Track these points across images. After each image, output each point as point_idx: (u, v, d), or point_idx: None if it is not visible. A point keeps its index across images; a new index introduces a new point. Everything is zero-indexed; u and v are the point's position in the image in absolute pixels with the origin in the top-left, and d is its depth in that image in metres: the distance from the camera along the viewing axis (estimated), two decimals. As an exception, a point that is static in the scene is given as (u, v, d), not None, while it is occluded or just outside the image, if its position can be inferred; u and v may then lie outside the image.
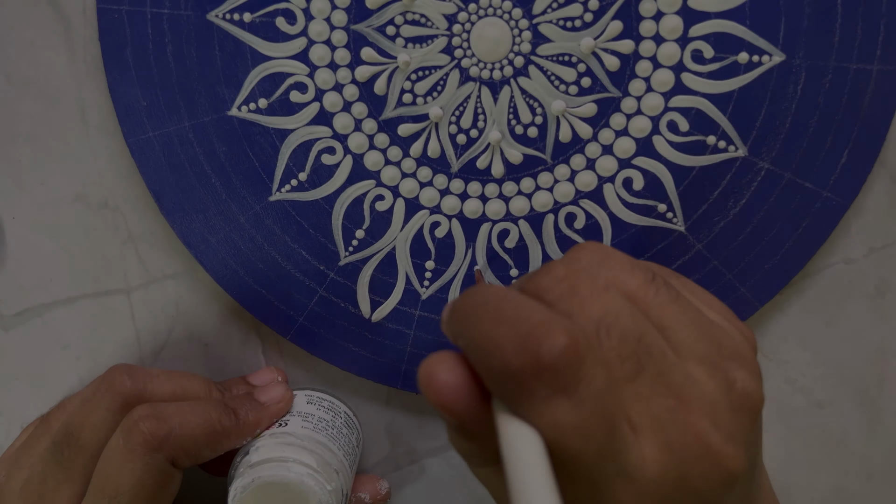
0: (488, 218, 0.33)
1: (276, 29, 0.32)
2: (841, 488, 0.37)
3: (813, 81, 0.31)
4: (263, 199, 0.33)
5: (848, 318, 0.35)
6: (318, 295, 0.34)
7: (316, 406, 0.34)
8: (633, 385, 0.20)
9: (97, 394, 0.29)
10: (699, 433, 0.20)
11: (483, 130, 0.32)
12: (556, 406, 0.18)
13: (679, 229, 0.33)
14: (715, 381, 0.21)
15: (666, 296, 0.22)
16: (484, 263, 0.33)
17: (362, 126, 0.32)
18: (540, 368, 0.18)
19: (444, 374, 0.19)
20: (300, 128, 0.32)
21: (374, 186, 0.33)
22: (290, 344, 0.36)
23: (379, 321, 0.34)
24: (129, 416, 0.28)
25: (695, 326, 0.22)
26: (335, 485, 0.30)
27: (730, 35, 0.30)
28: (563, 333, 0.18)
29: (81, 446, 0.29)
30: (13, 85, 0.34)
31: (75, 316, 0.36)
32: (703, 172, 0.32)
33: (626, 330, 0.20)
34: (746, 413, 0.21)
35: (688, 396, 0.20)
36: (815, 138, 0.31)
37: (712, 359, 0.21)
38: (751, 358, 0.22)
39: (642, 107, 0.32)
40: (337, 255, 0.34)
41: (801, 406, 0.36)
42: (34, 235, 0.35)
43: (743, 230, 0.32)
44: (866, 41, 0.30)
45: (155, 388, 0.30)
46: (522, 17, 0.31)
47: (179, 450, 0.28)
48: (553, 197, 0.33)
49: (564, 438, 0.19)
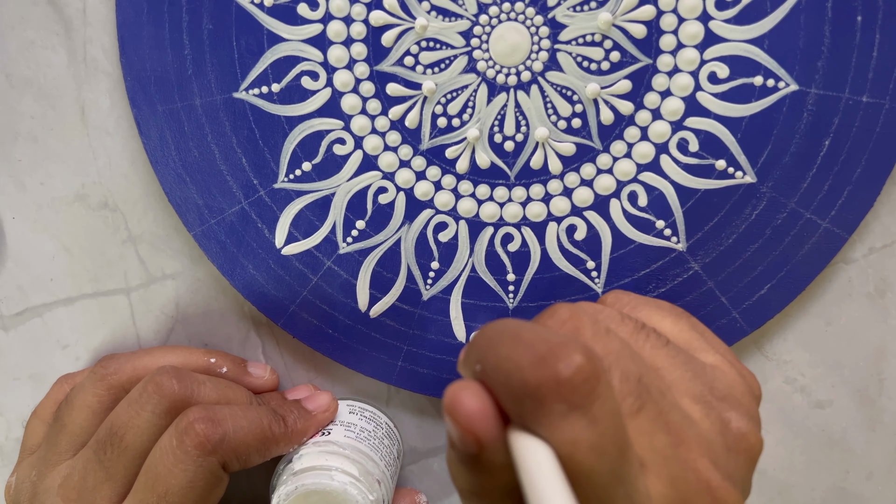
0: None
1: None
2: (841, 488, 0.37)
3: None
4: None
5: (848, 318, 0.35)
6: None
7: (358, 416, 0.34)
8: (634, 421, 0.21)
9: (143, 395, 0.29)
10: (699, 469, 0.21)
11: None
12: (573, 422, 0.19)
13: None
14: (710, 421, 0.22)
15: (656, 341, 0.24)
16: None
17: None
18: (558, 384, 0.19)
19: (470, 399, 0.20)
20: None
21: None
22: (290, 344, 0.36)
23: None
24: (183, 417, 0.28)
25: (687, 367, 0.23)
26: (377, 495, 0.31)
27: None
28: (580, 352, 0.19)
29: (125, 447, 0.29)
30: (13, 85, 0.34)
31: (75, 316, 0.36)
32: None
33: (627, 369, 0.21)
34: (742, 454, 0.22)
35: (686, 435, 0.21)
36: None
37: (706, 398, 0.22)
38: (746, 401, 0.24)
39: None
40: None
41: (801, 406, 0.36)
42: (34, 235, 0.35)
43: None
44: (880, 77, 0.30)
45: (201, 394, 0.30)
46: (536, 14, 0.31)
47: (231, 454, 0.29)
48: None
49: (579, 455, 0.19)
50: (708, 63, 0.31)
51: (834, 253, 0.32)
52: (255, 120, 0.32)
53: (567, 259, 0.33)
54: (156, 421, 0.29)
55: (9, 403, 0.37)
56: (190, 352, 0.34)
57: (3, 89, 0.34)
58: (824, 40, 0.30)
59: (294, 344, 0.36)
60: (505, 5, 0.31)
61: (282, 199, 0.33)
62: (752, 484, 0.25)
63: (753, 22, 0.30)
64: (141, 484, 0.29)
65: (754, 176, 0.32)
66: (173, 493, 0.28)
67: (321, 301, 0.34)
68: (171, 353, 0.33)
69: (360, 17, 0.31)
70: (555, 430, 0.19)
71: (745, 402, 0.23)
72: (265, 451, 0.30)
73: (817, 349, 0.35)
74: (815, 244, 0.32)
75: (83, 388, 0.32)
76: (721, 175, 0.32)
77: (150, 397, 0.29)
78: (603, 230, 0.33)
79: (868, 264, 0.34)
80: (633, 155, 0.32)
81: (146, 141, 0.33)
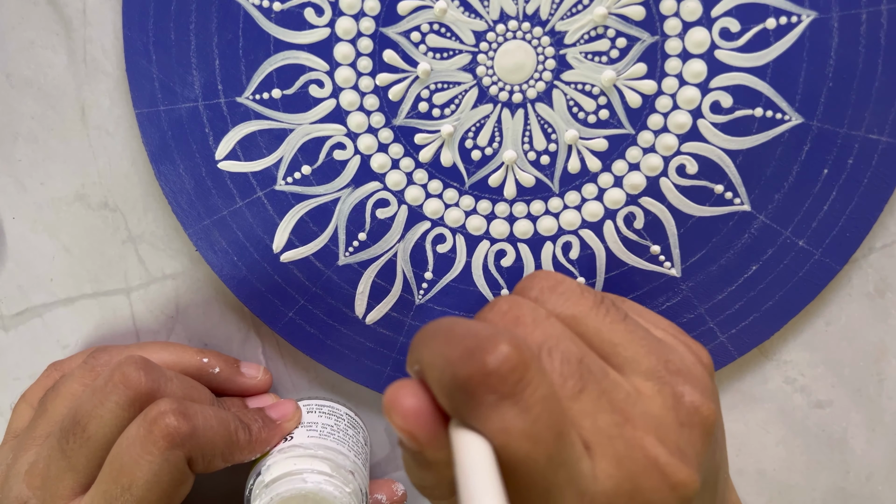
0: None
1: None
2: (841, 488, 0.37)
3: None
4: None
5: (848, 318, 0.35)
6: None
7: (317, 413, 0.34)
8: (577, 403, 0.21)
9: (109, 385, 0.29)
10: (645, 447, 0.21)
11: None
12: (504, 412, 0.19)
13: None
14: (662, 397, 0.22)
15: (615, 315, 0.24)
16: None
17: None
18: (486, 375, 0.19)
19: (408, 398, 0.20)
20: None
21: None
22: (289, 345, 0.36)
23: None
24: (153, 407, 0.28)
25: (643, 343, 0.23)
26: (353, 486, 0.31)
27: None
28: (506, 342, 0.19)
29: (87, 438, 0.28)
30: (13, 85, 0.34)
31: (75, 316, 0.36)
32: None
33: (567, 351, 0.21)
34: (696, 428, 0.22)
35: (632, 412, 0.21)
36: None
37: (659, 374, 0.23)
38: (699, 374, 0.24)
39: (656, 146, 0.32)
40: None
41: (801, 406, 0.36)
42: (34, 235, 0.35)
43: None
44: (878, 112, 0.30)
45: (167, 389, 0.30)
46: (550, 46, 0.31)
47: (198, 451, 0.28)
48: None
49: (514, 444, 0.19)
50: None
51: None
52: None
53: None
54: (119, 412, 0.28)
55: (9, 403, 0.37)
56: (183, 350, 0.33)
57: (3, 89, 0.34)
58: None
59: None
60: (499, 27, 0.31)
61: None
62: (725, 456, 0.25)
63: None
64: (105, 474, 0.28)
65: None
66: (137, 486, 0.27)
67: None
68: (165, 349, 0.33)
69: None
70: (487, 420, 0.19)
71: (696, 373, 0.23)
72: (229, 455, 0.30)
73: (817, 349, 0.35)
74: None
75: (71, 377, 0.31)
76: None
77: (116, 387, 0.29)
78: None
79: (868, 264, 0.34)
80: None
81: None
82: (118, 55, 0.33)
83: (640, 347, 0.23)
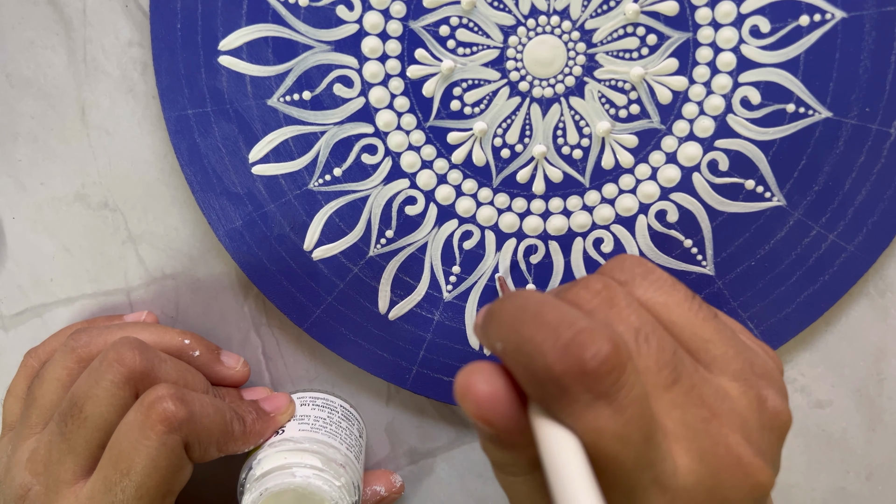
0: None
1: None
2: (841, 488, 0.37)
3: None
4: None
5: (848, 318, 0.35)
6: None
7: (310, 406, 0.34)
8: (669, 393, 0.20)
9: (104, 365, 0.29)
10: (730, 445, 0.20)
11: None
12: (598, 412, 0.19)
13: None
14: (747, 398, 0.22)
15: (707, 312, 0.23)
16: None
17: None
18: (583, 374, 0.18)
19: (482, 384, 0.19)
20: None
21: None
22: (289, 345, 0.36)
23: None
24: (150, 392, 0.28)
25: (731, 344, 0.23)
26: (344, 479, 0.31)
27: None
28: (606, 340, 0.19)
29: (84, 418, 0.28)
30: (13, 85, 0.34)
31: (75, 316, 0.36)
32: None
33: (663, 340, 0.21)
34: (776, 431, 0.22)
35: (720, 409, 0.21)
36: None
37: (746, 376, 0.22)
38: (779, 379, 0.23)
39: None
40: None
41: (801, 406, 0.36)
42: (34, 235, 0.35)
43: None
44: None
45: (161, 372, 0.30)
46: (580, 41, 0.31)
47: (195, 437, 0.28)
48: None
49: (604, 444, 0.19)
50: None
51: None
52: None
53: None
54: (115, 391, 0.28)
55: (9, 403, 0.37)
56: (164, 330, 0.33)
57: (3, 89, 0.34)
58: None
59: (293, 345, 0.36)
60: (529, 21, 0.31)
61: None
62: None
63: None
64: (106, 460, 0.28)
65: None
66: (136, 472, 0.27)
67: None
68: (146, 330, 0.33)
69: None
70: (579, 418, 0.19)
71: (776, 377, 0.23)
72: (224, 445, 0.30)
73: (817, 349, 0.35)
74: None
75: (54, 362, 0.31)
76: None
77: (111, 366, 0.29)
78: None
79: (868, 264, 0.34)
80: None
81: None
82: (118, 55, 0.33)
83: (730, 348, 0.22)
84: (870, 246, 0.32)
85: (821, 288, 0.33)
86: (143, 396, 0.28)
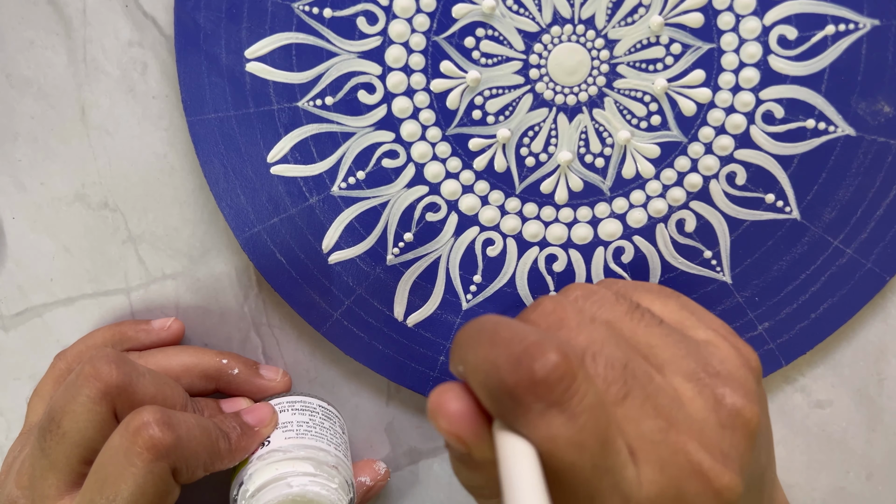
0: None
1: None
2: (841, 488, 0.37)
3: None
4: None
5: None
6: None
7: (290, 412, 0.33)
8: (621, 408, 0.21)
9: (80, 379, 0.28)
10: (689, 452, 0.21)
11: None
12: (551, 420, 0.19)
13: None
14: (703, 398, 0.22)
15: (650, 320, 0.24)
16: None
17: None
18: (534, 383, 0.19)
19: (453, 401, 0.20)
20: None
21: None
22: (289, 345, 0.36)
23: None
24: (135, 416, 0.27)
25: (680, 346, 0.23)
26: (338, 480, 0.30)
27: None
28: (555, 350, 0.19)
29: (62, 434, 0.28)
30: (13, 85, 0.34)
31: (75, 316, 0.36)
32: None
33: (611, 356, 0.21)
34: (739, 430, 0.22)
35: (675, 418, 0.21)
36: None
37: (699, 376, 0.22)
38: (742, 376, 0.23)
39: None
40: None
41: (801, 406, 0.36)
42: (34, 235, 0.35)
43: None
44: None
45: (139, 386, 0.29)
46: (604, 49, 0.31)
47: (182, 462, 0.27)
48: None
49: (559, 451, 0.19)
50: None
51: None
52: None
53: None
54: (91, 406, 0.28)
55: (9, 404, 0.37)
56: (203, 352, 0.33)
57: (3, 89, 0.34)
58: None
59: (293, 345, 0.36)
60: (554, 29, 0.31)
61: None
62: (773, 457, 0.25)
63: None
64: (90, 483, 0.27)
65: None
66: (122, 499, 0.26)
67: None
68: (184, 352, 0.33)
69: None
70: (534, 427, 0.19)
71: (739, 376, 0.23)
72: (210, 465, 0.29)
73: (817, 349, 0.35)
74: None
75: (45, 376, 0.32)
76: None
77: (87, 380, 0.28)
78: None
79: (868, 264, 0.34)
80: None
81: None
82: (118, 55, 0.33)
83: (678, 350, 0.23)
84: (887, 262, 0.32)
85: (836, 303, 0.33)
86: (127, 420, 0.27)
